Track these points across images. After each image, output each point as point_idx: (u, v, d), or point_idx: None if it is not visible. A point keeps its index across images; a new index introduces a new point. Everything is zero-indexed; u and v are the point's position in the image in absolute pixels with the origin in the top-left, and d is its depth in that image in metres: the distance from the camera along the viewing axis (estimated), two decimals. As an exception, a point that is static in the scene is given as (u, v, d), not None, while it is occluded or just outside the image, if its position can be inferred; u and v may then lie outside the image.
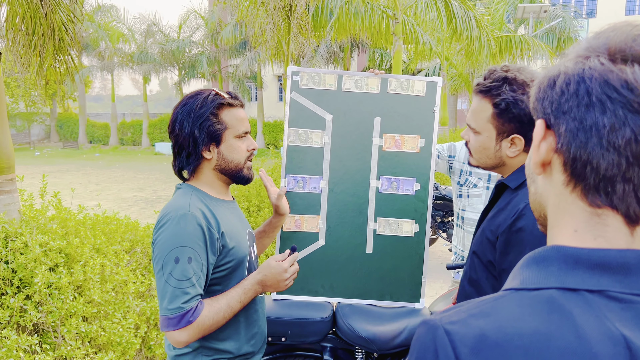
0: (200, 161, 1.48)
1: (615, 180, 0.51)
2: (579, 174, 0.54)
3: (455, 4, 8.10)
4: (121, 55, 24.63)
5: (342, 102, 2.27)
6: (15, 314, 2.45)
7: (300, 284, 2.28)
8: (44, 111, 30.60)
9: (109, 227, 3.30)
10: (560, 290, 0.51)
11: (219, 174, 1.52)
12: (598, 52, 0.53)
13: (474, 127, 1.42)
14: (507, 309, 0.52)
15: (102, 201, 10.46)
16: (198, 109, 1.44)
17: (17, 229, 2.69)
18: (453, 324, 0.52)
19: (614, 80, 0.50)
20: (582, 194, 0.54)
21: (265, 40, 6.45)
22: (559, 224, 0.57)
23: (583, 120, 0.52)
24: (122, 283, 2.86)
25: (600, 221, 0.53)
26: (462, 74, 17.72)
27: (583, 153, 0.52)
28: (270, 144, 24.30)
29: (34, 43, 3.60)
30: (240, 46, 22.05)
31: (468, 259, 1.43)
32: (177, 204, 1.41)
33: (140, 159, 21.83)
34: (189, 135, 1.43)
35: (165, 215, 1.39)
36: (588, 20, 21.53)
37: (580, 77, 0.53)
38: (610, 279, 0.50)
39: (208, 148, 1.46)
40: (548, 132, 0.57)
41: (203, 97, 1.46)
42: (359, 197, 2.28)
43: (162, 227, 1.37)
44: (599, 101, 0.51)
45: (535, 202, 0.64)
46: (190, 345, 1.46)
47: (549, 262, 0.54)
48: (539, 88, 0.59)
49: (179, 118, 1.45)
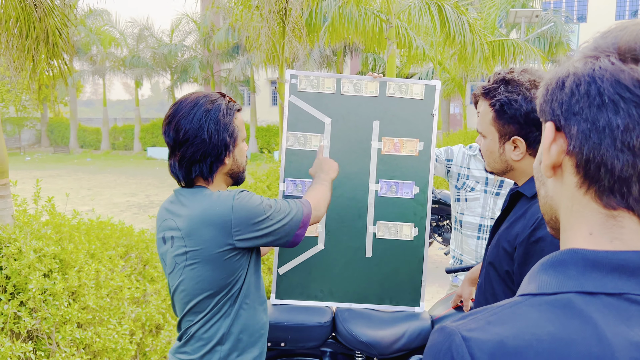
0: (219, 167, 1.52)
1: (631, 181, 0.50)
2: (593, 176, 0.53)
3: (449, 9, 8.14)
4: (113, 60, 24.54)
5: (341, 105, 2.26)
6: (9, 321, 2.41)
7: (300, 288, 2.27)
8: (35, 116, 30.37)
9: (103, 233, 3.26)
10: (579, 294, 0.50)
11: (227, 178, 1.58)
12: (607, 51, 0.52)
13: (480, 131, 1.43)
14: (525, 315, 0.50)
15: (94, 206, 10.37)
16: (224, 117, 1.48)
17: (11, 234, 2.65)
18: (471, 330, 0.51)
19: (625, 79, 0.50)
20: (597, 196, 0.53)
21: (259, 44, 6.44)
22: (572, 227, 0.56)
23: (595, 121, 0.51)
24: (117, 289, 2.82)
25: (616, 223, 0.52)
26: (455, 78, 17.83)
27: (597, 154, 0.51)
28: (264, 148, 24.29)
29: (27, 47, 3.57)
30: (232, 50, 22.04)
31: (482, 270, 1.41)
32: (223, 194, 1.48)
33: (132, 163, 21.71)
34: (220, 143, 1.47)
35: (227, 200, 1.45)
36: (579, 25, 21.74)
37: (591, 77, 0.52)
38: (629, 281, 0.49)
39: (229, 154, 1.52)
40: (558, 134, 0.55)
41: (224, 104, 1.50)
42: (358, 201, 2.27)
43: (239, 204, 1.44)
44: (612, 101, 0.50)
45: (545, 205, 0.63)
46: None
47: (566, 265, 0.53)
48: (547, 90, 0.58)
49: (207, 126, 1.45)
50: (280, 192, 2.25)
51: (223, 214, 1.43)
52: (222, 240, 1.43)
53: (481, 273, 1.43)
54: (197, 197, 1.49)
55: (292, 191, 2.25)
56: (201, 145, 1.46)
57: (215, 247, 1.44)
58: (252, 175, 5.09)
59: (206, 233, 1.44)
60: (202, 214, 1.44)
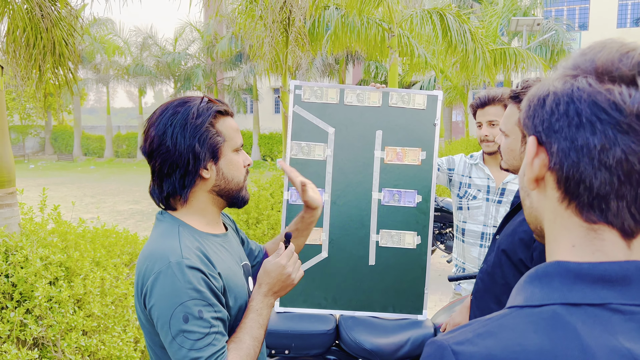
0: (195, 182, 1.22)
1: (609, 198, 0.52)
2: (573, 192, 0.55)
3: (450, 18, 8.19)
4: (117, 68, 24.70)
5: (344, 115, 2.29)
6: (16, 328, 2.43)
7: (303, 296, 2.29)
8: (39, 124, 30.55)
9: (108, 240, 3.29)
10: (564, 306, 0.52)
11: (215, 197, 1.27)
12: (585, 72, 0.54)
13: (504, 130, 1.54)
14: (512, 327, 0.52)
15: (98, 214, 10.41)
16: (194, 119, 1.18)
17: (18, 242, 2.68)
18: (460, 344, 0.53)
19: (602, 101, 0.51)
20: (577, 210, 0.55)
21: (263, 53, 6.48)
22: (556, 239, 0.58)
23: (574, 140, 0.53)
24: (121, 296, 2.84)
25: (597, 236, 0.54)
26: (457, 86, 17.86)
27: (575, 172, 0.53)
28: (267, 156, 24.35)
29: (34, 56, 3.62)
30: (235, 59, 22.16)
31: (494, 256, 1.49)
32: (163, 247, 1.14)
33: (135, 171, 21.77)
34: (187, 151, 1.18)
35: (152, 266, 1.11)
36: (580, 33, 21.80)
37: (569, 98, 0.54)
38: (611, 291, 0.51)
39: (206, 165, 1.21)
40: (540, 148, 0.57)
41: (197, 105, 1.21)
42: (361, 210, 2.30)
43: (153, 286, 1.09)
44: (589, 122, 0.52)
45: (531, 216, 0.65)
46: None
47: (550, 277, 0.55)
48: (529, 106, 0.60)
49: (171, 131, 1.18)
50: (285, 200, 2.28)
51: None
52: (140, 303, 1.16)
53: (487, 258, 1.53)
54: (154, 231, 1.23)
55: (295, 200, 2.28)
56: (166, 155, 1.19)
57: (139, 306, 1.17)
58: (256, 183, 5.12)
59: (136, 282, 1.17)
60: (138, 259, 1.17)
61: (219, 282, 1.17)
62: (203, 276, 1.12)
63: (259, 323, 1.23)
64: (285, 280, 1.28)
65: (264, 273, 1.28)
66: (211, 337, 1.09)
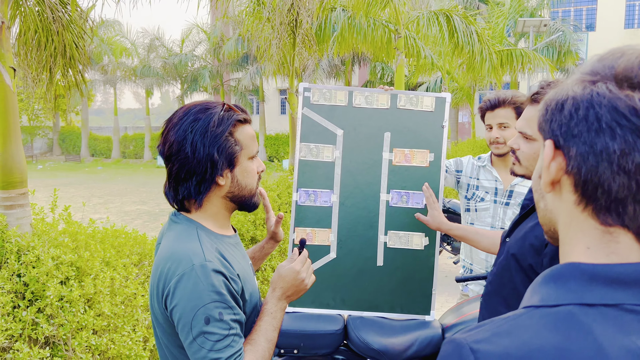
0: (211, 188, 1.25)
1: (627, 202, 0.53)
2: (590, 195, 0.56)
3: (457, 19, 8.19)
4: (124, 69, 24.84)
5: (353, 117, 2.31)
6: (28, 327, 2.47)
7: (312, 296, 2.30)
8: (47, 125, 30.78)
9: (117, 241, 3.33)
10: (579, 306, 0.53)
11: (228, 202, 1.30)
12: (605, 77, 0.55)
13: (529, 134, 1.47)
14: (528, 327, 0.54)
15: (105, 214, 10.48)
16: (215, 128, 1.20)
17: (30, 242, 2.71)
18: (478, 342, 0.54)
19: (622, 107, 0.52)
20: (594, 214, 0.56)
21: (270, 55, 6.51)
22: (571, 241, 0.59)
23: (593, 145, 0.54)
24: (131, 296, 2.87)
25: (612, 239, 0.55)
26: (464, 88, 17.84)
27: (594, 176, 0.54)
28: (273, 157, 24.41)
29: (45, 58, 3.66)
30: (242, 60, 22.24)
31: (502, 259, 1.46)
32: (185, 249, 1.16)
33: (142, 172, 21.89)
34: (205, 159, 1.20)
35: (175, 268, 1.13)
36: (587, 34, 21.71)
37: (589, 103, 0.55)
38: (625, 292, 0.52)
39: (222, 173, 1.23)
40: (557, 152, 0.58)
41: (218, 113, 1.22)
42: (370, 211, 2.31)
43: (176, 288, 1.12)
44: (609, 127, 0.53)
45: (544, 218, 0.67)
46: None
47: (566, 278, 0.56)
48: (546, 109, 0.61)
49: (191, 137, 1.19)
50: (294, 201, 2.30)
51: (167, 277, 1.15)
52: (160, 304, 1.18)
53: (497, 261, 1.49)
54: (170, 232, 1.26)
55: (304, 201, 2.30)
56: (185, 161, 1.20)
57: (158, 306, 1.19)
58: (262, 184, 5.15)
59: (152, 282, 1.20)
60: (158, 260, 1.20)
61: (238, 285, 1.20)
62: (224, 279, 1.15)
63: (273, 326, 1.27)
64: (299, 285, 1.32)
65: (279, 277, 1.32)
66: (230, 338, 1.12)
